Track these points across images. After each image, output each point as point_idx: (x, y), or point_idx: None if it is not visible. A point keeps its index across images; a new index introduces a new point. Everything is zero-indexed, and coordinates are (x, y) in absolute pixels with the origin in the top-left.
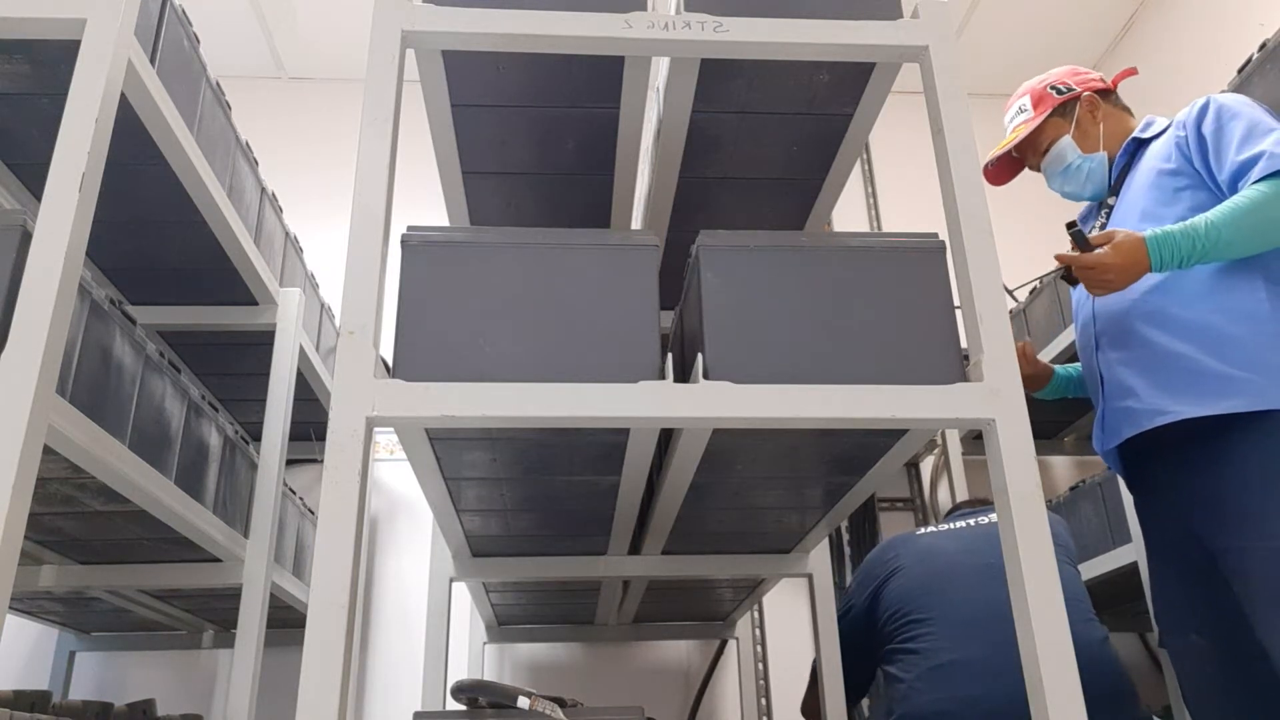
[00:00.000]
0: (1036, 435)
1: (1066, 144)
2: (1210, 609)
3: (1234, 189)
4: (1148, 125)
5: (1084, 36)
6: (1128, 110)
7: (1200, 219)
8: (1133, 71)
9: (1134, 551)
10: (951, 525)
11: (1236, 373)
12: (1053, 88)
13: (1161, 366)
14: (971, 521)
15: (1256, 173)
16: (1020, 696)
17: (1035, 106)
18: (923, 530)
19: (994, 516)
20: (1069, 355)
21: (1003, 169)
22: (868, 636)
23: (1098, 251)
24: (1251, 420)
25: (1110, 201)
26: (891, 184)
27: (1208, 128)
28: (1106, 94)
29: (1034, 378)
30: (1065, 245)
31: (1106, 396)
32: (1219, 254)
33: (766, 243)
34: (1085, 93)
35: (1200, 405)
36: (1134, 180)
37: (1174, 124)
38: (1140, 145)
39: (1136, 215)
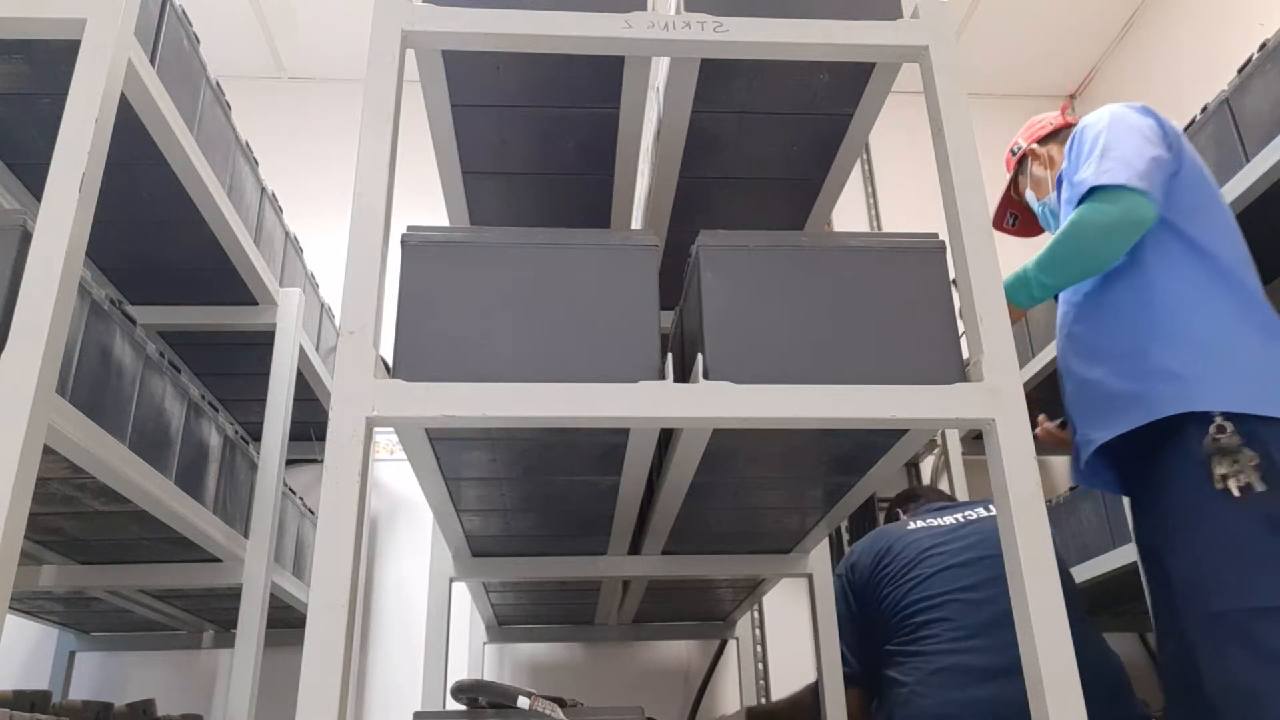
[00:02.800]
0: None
1: (1029, 197)
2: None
3: None
4: None
5: (1084, 36)
6: None
7: (1035, 258)
8: (1067, 104)
9: (1134, 551)
10: (941, 521)
11: (1136, 387)
12: (1011, 150)
13: (1084, 395)
14: (960, 517)
15: (1075, 203)
16: (1022, 698)
17: (1008, 169)
18: (914, 525)
19: (982, 512)
20: None
21: (1032, 223)
22: (860, 629)
23: None
24: (1164, 432)
25: None
26: (891, 184)
27: (1072, 154)
28: (1057, 133)
29: (1065, 440)
30: None
31: (1072, 431)
32: (1054, 284)
33: (766, 243)
34: (1028, 145)
35: (1110, 428)
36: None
37: None
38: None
39: None
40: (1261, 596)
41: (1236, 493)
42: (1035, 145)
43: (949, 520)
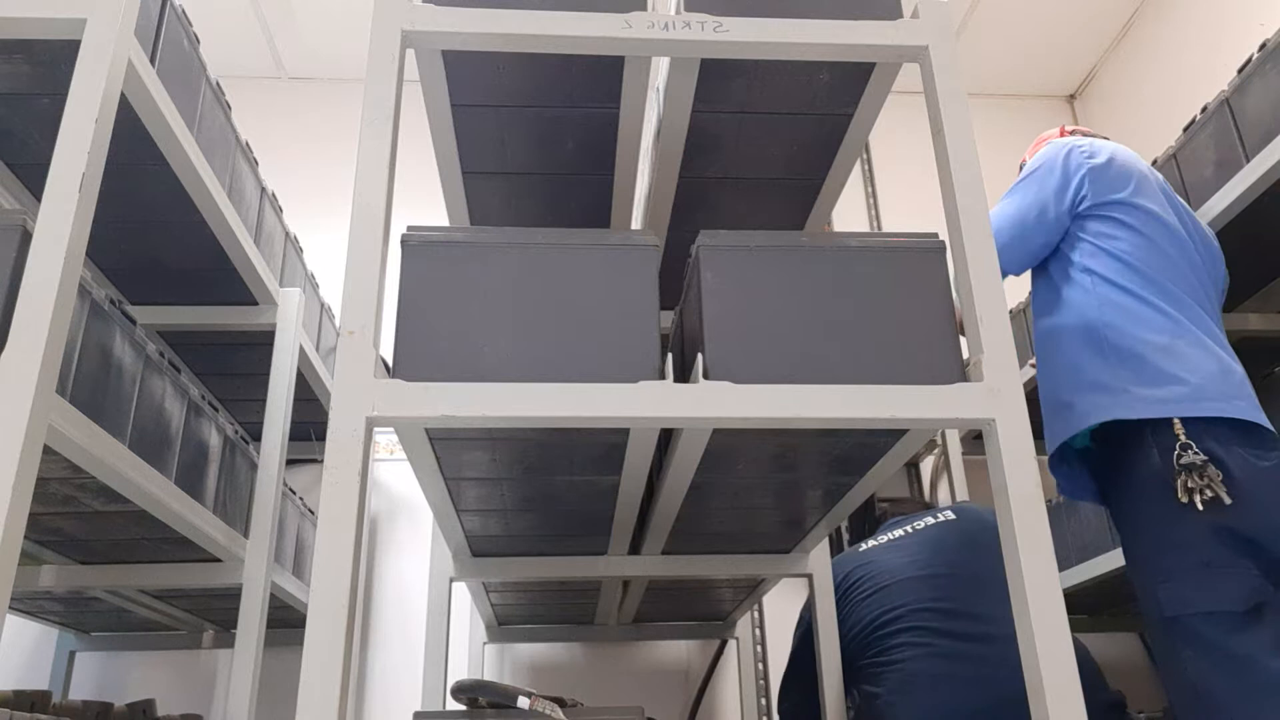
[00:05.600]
0: (1036, 435)
1: None
2: None
3: None
4: None
5: (1084, 36)
6: None
7: None
8: (1063, 128)
9: None
10: (891, 535)
11: (1070, 398)
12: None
13: (1045, 407)
14: (909, 528)
15: None
16: (994, 700)
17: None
18: (865, 546)
19: (930, 520)
20: None
21: None
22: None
23: None
24: (1123, 446)
25: None
26: (891, 184)
27: None
28: None
29: None
30: None
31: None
32: None
33: (766, 243)
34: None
35: (1053, 438)
36: None
37: None
38: None
39: None
40: (1210, 601)
41: (1200, 507)
42: None
43: (898, 533)
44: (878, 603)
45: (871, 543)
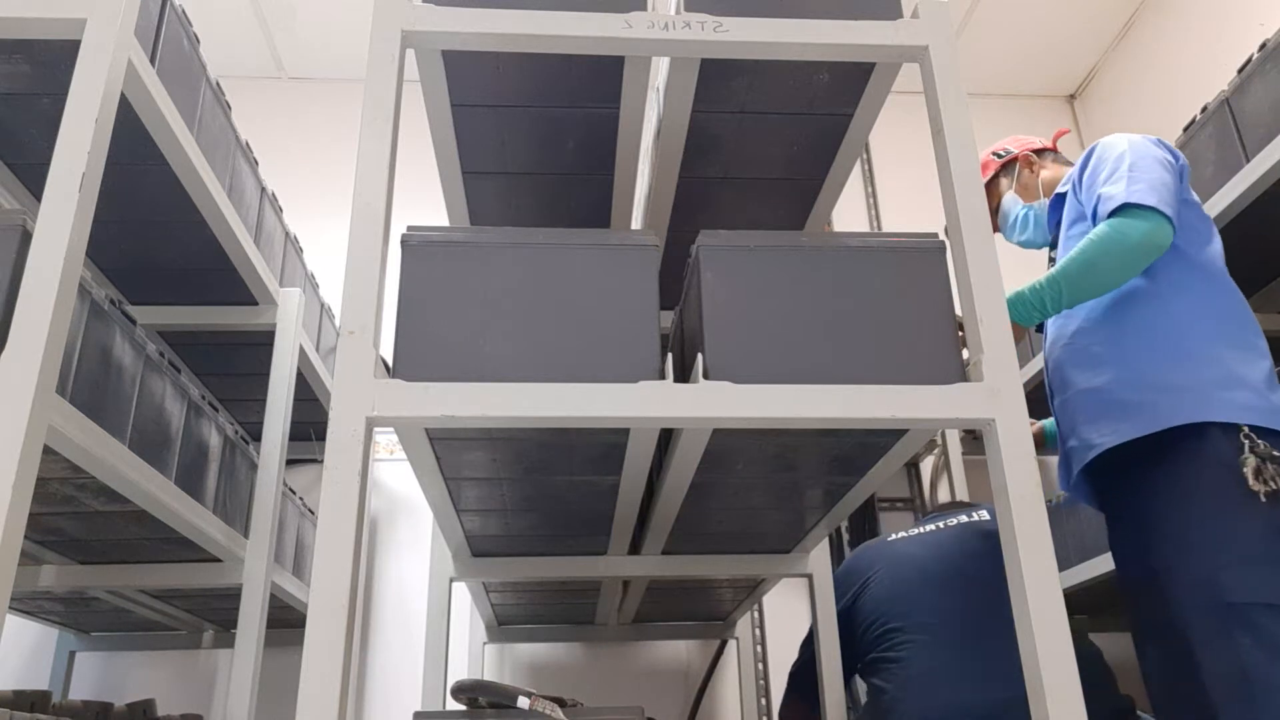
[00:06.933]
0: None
1: (1010, 199)
2: None
3: None
4: (1068, 179)
5: (1084, 36)
6: (1069, 164)
7: (1049, 273)
8: (1065, 131)
9: None
10: (922, 529)
11: (1141, 397)
12: (994, 153)
13: (1087, 403)
14: (940, 524)
15: (1099, 217)
16: (1003, 701)
17: (983, 173)
18: (894, 536)
19: (963, 518)
20: None
21: None
22: (845, 647)
23: None
24: (1161, 441)
25: (1053, 255)
26: (891, 184)
27: (1087, 171)
28: (1043, 152)
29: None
30: None
31: (1060, 439)
32: (1071, 299)
33: (766, 243)
34: (1022, 152)
35: (1114, 435)
36: (1060, 232)
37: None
38: (1063, 199)
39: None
40: (1273, 594)
41: (1264, 498)
42: (1030, 153)
43: (929, 528)
44: (894, 595)
45: (902, 534)
